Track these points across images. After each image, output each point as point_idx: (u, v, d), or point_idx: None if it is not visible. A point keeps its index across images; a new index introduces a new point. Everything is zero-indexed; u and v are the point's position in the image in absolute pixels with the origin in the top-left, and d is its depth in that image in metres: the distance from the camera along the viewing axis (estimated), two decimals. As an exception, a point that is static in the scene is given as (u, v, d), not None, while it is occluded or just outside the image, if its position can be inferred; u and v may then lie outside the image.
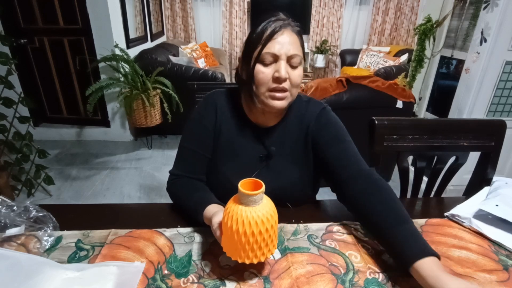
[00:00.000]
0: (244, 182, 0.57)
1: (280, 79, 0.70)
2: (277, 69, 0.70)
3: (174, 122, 2.62)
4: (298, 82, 0.74)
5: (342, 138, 0.81)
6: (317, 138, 0.81)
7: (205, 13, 4.46)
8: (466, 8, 2.07)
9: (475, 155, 1.01)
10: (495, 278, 0.61)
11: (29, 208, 0.66)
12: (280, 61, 0.70)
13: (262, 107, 0.76)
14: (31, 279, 0.53)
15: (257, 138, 0.83)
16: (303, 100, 0.86)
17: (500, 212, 0.73)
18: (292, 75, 0.72)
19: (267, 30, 0.70)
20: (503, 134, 0.97)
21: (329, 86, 1.95)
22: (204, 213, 0.69)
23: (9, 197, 0.96)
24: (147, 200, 2.14)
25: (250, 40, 0.73)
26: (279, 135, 0.83)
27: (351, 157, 0.78)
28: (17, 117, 1.88)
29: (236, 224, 0.54)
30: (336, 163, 0.77)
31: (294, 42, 0.71)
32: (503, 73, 1.80)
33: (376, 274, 0.61)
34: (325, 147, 0.80)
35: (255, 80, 0.72)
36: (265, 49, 0.70)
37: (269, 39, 0.70)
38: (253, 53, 0.71)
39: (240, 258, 0.57)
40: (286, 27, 0.71)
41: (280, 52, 0.70)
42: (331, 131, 0.81)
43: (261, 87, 0.73)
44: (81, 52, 2.65)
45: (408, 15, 4.46)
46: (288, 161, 0.83)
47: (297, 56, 0.71)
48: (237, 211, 0.55)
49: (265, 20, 0.72)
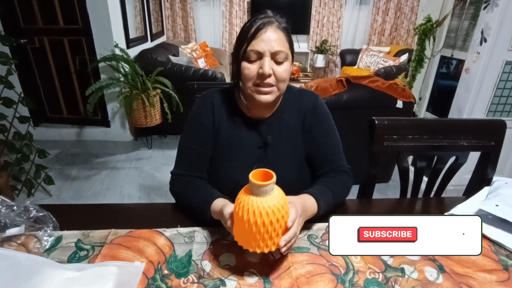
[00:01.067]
0: (255, 172, 0.57)
1: (264, 75, 0.73)
2: (261, 65, 0.73)
3: (174, 122, 2.62)
4: (284, 77, 0.76)
5: (330, 135, 0.87)
6: (311, 131, 0.86)
7: (205, 13, 4.46)
8: (466, 8, 2.07)
9: (475, 155, 1.01)
10: (495, 278, 0.61)
11: (29, 208, 0.66)
12: (264, 57, 0.73)
13: (251, 101, 0.80)
14: (31, 279, 0.53)
15: (254, 129, 0.85)
16: (296, 91, 0.89)
17: (500, 212, 0.73)
18: (277, 70, 0.74)
19: (251, 28, 0.73)
20: (503, 134, 0.97)
21: (329, 86, 1.95)
22: (212, 207, 0.70)
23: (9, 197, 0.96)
24: (147, 200, 2.14)
25: (238, 38, 0.77)
26: (276, 125, 0.85)
27: (334, 155, 0.86)
28: (17, 117, 1.88)
29: (248, 214, 0.55)
30: (320, 158, 0.86)
31: (278, 38, 0.73)
32: (503, 73, 1.80)
33: (376, 274, 0.61)
34: (315, 141, 0.86)
35: (242, 76, 0.76)
36: (249, 47, 0.73)
37: (253, 37, 0.72)
38: (240, 50, 0.75)
39: (251, 247, 0.58)
40: (270, 24, 0.73)
41: (264, 49, 0.72)
42: (323, 127, 0.87)
43: (247, 83, 0.76)
44: (81, 52, 2.65)
45: (408, 15, 4.46)
46: (286, 150, 0.85)
47: (282, 52, 0.73)
48: (248, 201, 0.55)
49: (253, 18, 0.75)
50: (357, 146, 1.27)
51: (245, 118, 0.85)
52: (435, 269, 0.63)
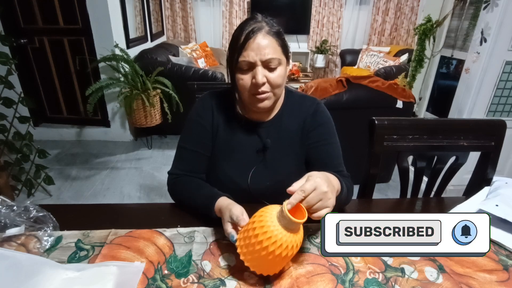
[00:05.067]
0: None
1: (258, 85, 0.72)
2: (254, 75, 0.72)
3: (174, 122, 2.62)
4: (279, 82, 0.75)
5: (330, 140, 0.85)
6: (311, 134, 0.85)
7: (205, 13, 4.45)
8: (466, 8, 2.07)
9: (475, 155, 1.01)
10: (495, 278, 0.61)
11: (29, 208, 0.66)
12: (256, 67, 0.72)
13: (250, 107, 0.80)
14: (31, 279, 0.53)
15: (253, 133, 0.85)
16: (297, 96, 0.89)
17: (500, 212, 0.73)
18: (270, 77, 0.73)
19: (241, 37, 0.72)
20: (503, 134, 0.97)
21: (329, 86, 1.95)
22: (216, 206, 0.70)
23: (9, 197, 0.96)
24: (147, 200, 2.14)
25: (229, 47, 0.76)
26: (275, 129, 0.85)
27: (334, 159, 0.84)
28: (17, 117, 1.88)
29: (269, 242, 0.53)
30: (319, 162, 0.83)
31: (269, 45, 0.72)
32: (503, 73, 1.80)
33: (376, 274, 0.61)
34: (314, 145, 0.84)
35: (237, 86, 0.76)
36: (240, 58, 0.72)
37: (242, 47, 0.72)
38: (232, 60, 0.74)
39: (258, 271, 0.57)
40: (259, 31, 0.72)
41: (254, 58, 0.71)
42: (324, 131, 0.85)
43: (243, 92, 0.76)
44: (81, 52, 2.65)
45: (408, 15, 4.46)
46: (285, 154, 0.85)
47: (274, 59, 0.72)
48: (276, 233, 0.53)
49: (242, 24, 0.74)
50: (357, 146, 1.27)
51: (244, 121, 0.84)
52: (435, 269, 0.63)
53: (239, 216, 0.62)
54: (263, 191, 0.83)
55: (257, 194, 0.82)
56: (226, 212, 0.65)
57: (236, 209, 0.64)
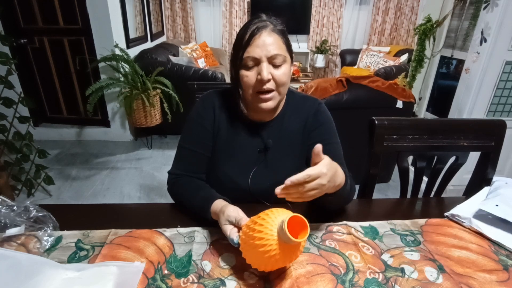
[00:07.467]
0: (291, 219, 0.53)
1: (263, 81, 0.72)
2: (259, 71, 0.72)
3: (174, 122, 2.62)
4: (284, 80, 0.75)
5: (331, 140, 0.85)
6: (312, 134, 0.85)
7: (205, 13, 4.45)
8: (466, 8, 2.07)
9: (475, 155, 1.01)
10: (495, 278, 0.61)
11: (29, 208, 0.66)
12: (261, 63, 0.72)
13: (253, 107, 0.79)
14: (31, 279, 0.53)
15: (255, 133, 0.84)
16: (299, 96, 0.89)
17: (500, 212, 0.73)
18: (275, 74, 0.73)
19: (246, 34, 0.72)
20: (503, 134, 0.97)
21: (329, 86, 1.95)
22: (212, 208, 0.70)
23: (9, 197, 0.96)
24: (147, 200, 2.14)
25: (234, 46, 0.76)
26: (277, 129, 0.85)
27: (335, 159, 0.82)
28: (17, 117, 1.88)
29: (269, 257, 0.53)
30: None
31: (274, 42, 0.72)
32: (503, 73, 1.80)
33: (376, 274, 0.61)
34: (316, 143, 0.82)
35: (241, 84, 0.76)
36: (245, 54, 0.72)
37: (248, 44, 0.72)
38: (237, 58, 0.74)
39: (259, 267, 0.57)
40: (264, 28, 0.72)
41: (260, 54, 0.71)
42: (325, 131, 0.85)
43: (247, 90, 0.76)
44: (81, 52, 2.65)
45: (408, 15, 4.46)
46: (286, 154, 0.85)
47: (279, 56, 0.72)
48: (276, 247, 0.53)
49: (247, 23, 0.74)
50: (357, 146, 1.27)
51: (246, 121, 0.84)
52: (435, 269, 0.63)
53: (237, 217, 0.62)
54: (264, 191, 0.83)
55: (257, 194, 0.82)
56: (221, 216, 0.65)
57: (230, 211, 0.64)
